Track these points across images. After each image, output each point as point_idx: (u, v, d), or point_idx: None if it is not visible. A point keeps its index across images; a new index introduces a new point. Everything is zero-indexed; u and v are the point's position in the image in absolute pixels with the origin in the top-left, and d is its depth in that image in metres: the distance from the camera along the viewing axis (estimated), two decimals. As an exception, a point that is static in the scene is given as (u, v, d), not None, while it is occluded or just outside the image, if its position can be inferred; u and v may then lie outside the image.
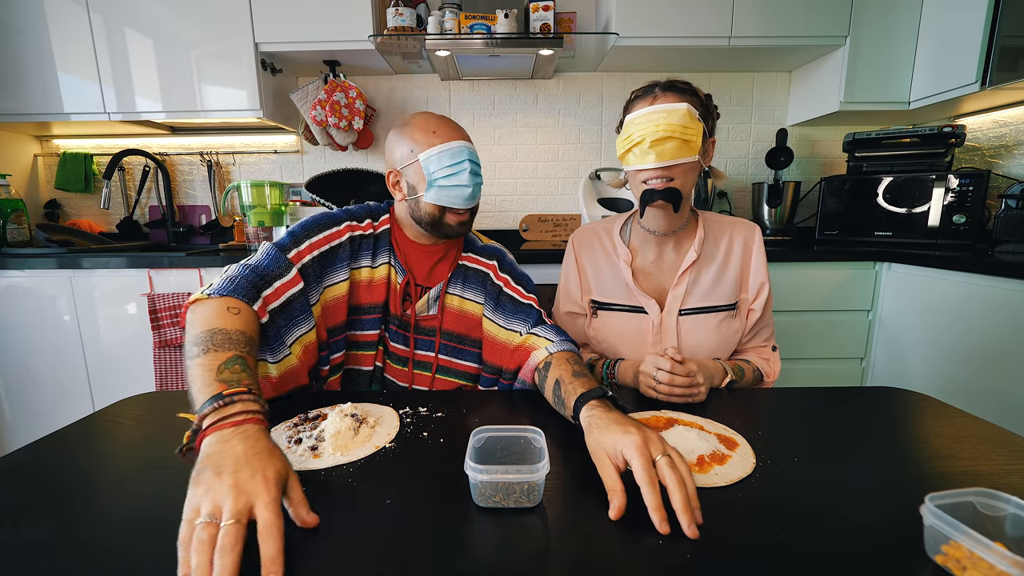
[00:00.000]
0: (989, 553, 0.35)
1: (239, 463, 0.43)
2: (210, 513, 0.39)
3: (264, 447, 0.46)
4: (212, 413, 0.49)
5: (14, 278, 1.58)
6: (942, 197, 1.57)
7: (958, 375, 1.34)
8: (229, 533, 0.38)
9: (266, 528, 0.39)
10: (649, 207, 0.88)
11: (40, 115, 1.75)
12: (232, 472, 0.42)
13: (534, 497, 0.47)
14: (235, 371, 0.55)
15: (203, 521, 0.39)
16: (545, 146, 2.12)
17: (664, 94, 0.84)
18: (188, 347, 0.59)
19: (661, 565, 0.40)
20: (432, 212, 0.85)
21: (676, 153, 0.82)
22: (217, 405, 0.49)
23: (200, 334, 0.60)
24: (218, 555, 0.37)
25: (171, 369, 1.60)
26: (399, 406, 0.70)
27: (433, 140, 0.83)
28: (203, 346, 0.58)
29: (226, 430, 0.47)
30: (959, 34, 1.54)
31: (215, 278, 0.73)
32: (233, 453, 0.44)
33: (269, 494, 0.41)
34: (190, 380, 0.55)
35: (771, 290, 0.95)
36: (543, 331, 0.84)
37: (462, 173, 0.82)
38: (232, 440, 0.46)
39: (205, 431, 0.48)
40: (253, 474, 0.42)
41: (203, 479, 0.42)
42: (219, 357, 0.56)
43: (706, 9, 1.66)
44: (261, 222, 1.80)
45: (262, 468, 0.43)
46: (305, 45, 1.72)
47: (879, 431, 0.64)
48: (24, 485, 0.52)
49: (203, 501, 0.40)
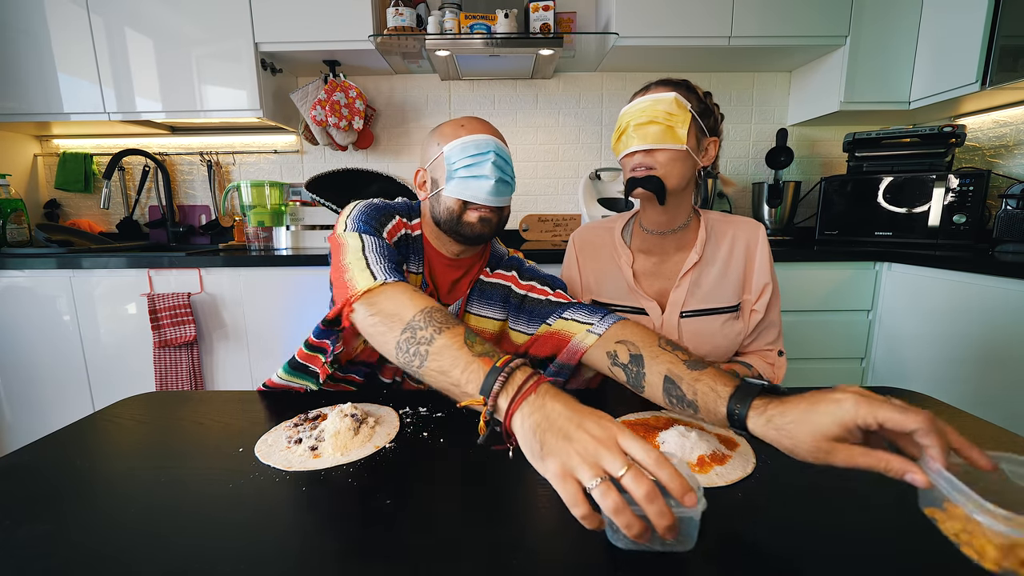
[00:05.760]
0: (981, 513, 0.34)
1: (574, 419, 0.41)
2: (593, 476, 0.37)
3: (572, 397, 0.44)
4: (503, 391, 0.45)
5: (14, 278, 1.58)
6: (942, 197, 1.57)
7: (958, 375, 1.34)
8: (640, 481, 0.36)
9: (649, 458, 0.38)
10: (633, 197, 0.87)
11: (40, 115, 1.75)
12: (578, 428, 0.40)
13: (686, 540, 0.40)
14: (482, 343, 0.52)
15: (595, 485, 0.37)
16: (545, 146, 2.12)
17: (657, 87, 0.85)
18: (406, 330, 0.55)
19: (661, 565, 0.40)
20: (451, 207, 0.79)
21: (658, 138, 0.81)
22: (503, 379, 0.46)
23: (416, 317, 0.56)
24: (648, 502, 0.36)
25: (171, 369, 1.60)
26: (399, 406, 0.70)
27: (460, 132, 0.79)
28: (430, 328, 0.54)
29: (531, 397, 0.44)
30: (959, 34, 1.54)
31: (353, 271, 0.66)
32: (560, 414, 0.42)
33: (625, 430, 0.40)
34: (441, 365, 0.51)
35: (777, 291, 0.94)
36: (574, 313, 0.79)
37: (484, 164, 0.77)
38: (546, 403, 0.43)
39: (511, 409, 0.44)
40: (597, 421, 0.41)
41: (555, 450, 0.40)
42: (456, 333, 0.52)
43: (706, 9, 1.66)
44: (261, 222, 1.80)
45: (595, 414, 0.41)
46: (305, 45, 1.72)
47: (879, 431, 0.64)
48: (24, 485, 0.52)
49: (577, 470, 0.38)
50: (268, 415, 0.68)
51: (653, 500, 0.36)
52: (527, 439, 0.42)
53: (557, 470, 0.39)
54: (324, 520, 0.45)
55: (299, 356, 0.73)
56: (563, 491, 0.39)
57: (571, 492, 0.38)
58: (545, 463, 0.40)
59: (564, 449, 0.39)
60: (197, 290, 1.58)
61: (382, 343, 0.59)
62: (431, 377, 0.52)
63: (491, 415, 0.46)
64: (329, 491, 0.50)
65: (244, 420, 0.67)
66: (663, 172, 0.83)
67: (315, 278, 1.57)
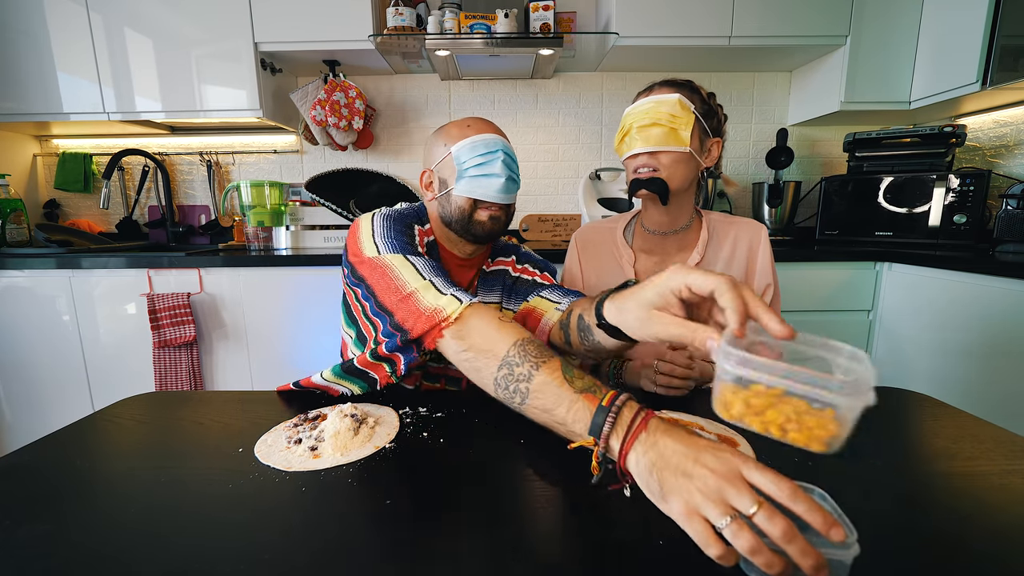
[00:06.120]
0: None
1: (690, 454, 0.39)
2: (722, 514, 0.35)
3: (682, 429, 0.42)
4: (614, 431, 0.44)
5: (13, 278, 1.58)
6: (943, 197, 1.57)
7: (958, 375, 1.34)
8: (775, 520, 0.33)
9: (782, 490, 0.35)
10: (636, 197, 0.87)
11: (40, 115, 1.75)
12: (695, 463, 0.38)
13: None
14: (580, 376, 0.50)
15: (725, 525, 0.35)
16: (545, 146, 2.12)
17: (660, 88, 0.85)
18: (503, 367, 0.54)
19: (660, 564, 0.40)
20: (462, 207, 0.80)
21: (661, 140, 0.81)
22: (611, 420, 0.44)
23: (510, 352, 0.55)
24: (786, 542, 0.33)
25: (171, 369, 1.60)
26: (399, 406, 0.70)
27: (467, 132, 0.80)
28: (526, 364, 0.53)
29: (643, 436, 0.42)
30: (959, 34, 1.54)
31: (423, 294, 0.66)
32: (675, 450, 0.40)
33: (746, 461, 0.37)
34: (544, 404, 0.50)
35: (778, 292, 0.94)
36: (550, 293, 0.80)
37: (494, 162, 0.78)
38: (659, 440, 0.41)
39: (624, 450, 0.43)
40: (714, 454, 0.38)
41: (676, 489, 0.38)
42: (553, 368, 0.51)
43: (706, 9, 1.66)
44: (261, 222, 1.80)
45: (711, 446, 0.39)
46: (305, 45, 1.72)
47: (879, 431, 0.64)
48: (24, 485, 0.52)
49: (702, 508, 0.36)
50: (268, 415, 0.68)
51: (792, 540, 0.33)
52: (645, 479, 0.41)
53: (682, 509, 0.37)
54: (324, 520, 0.45)
55: (359, 363, 0.70)
56: (692, 531, 0.37)
57: (700, 532, 0.36)
58: (668, 503, 0.38)
59: (685, 487, 0.38)
60: (197, 290, 1.58)
61: (478, 379, 0.59)
62: (533, 414, 0.52)
63: (603, 455, 0.45)
64: (329, 491, 0.50)
65: (244, 420, 0.67)
66: (667, 174, 0.84)
67: (315, 278, 1.57)
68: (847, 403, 0.35)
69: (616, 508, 0.48)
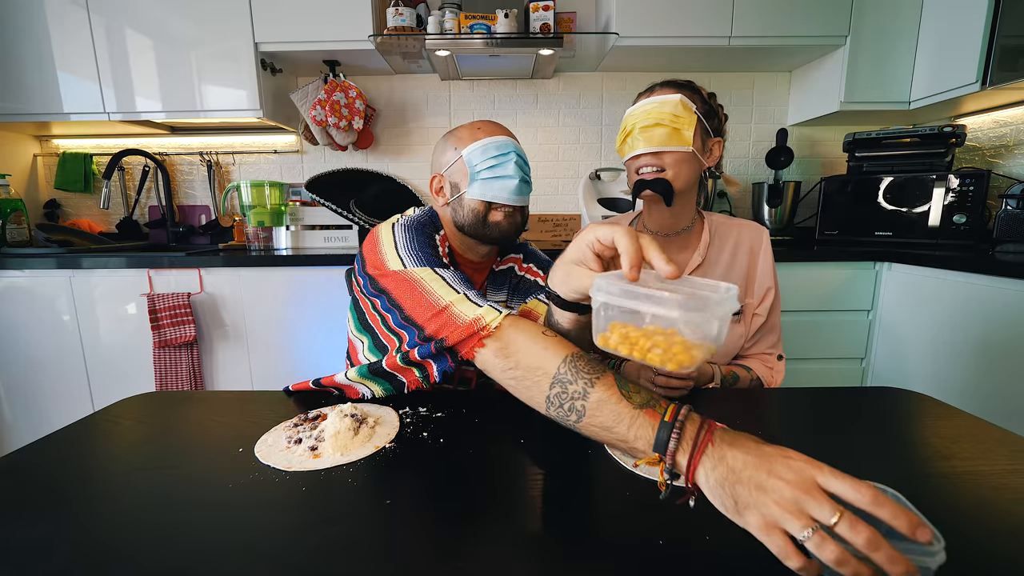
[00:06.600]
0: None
1: (762, 465, 0.38)
2: (803, 527, 0.34)
3: (749, 437, 0.42)
4: (680, 448, 0.42)
5: (14, 278, 1.58)
6: (942, 197, 1.57)
7: (958, 375, 1.34)
8: (858, 529, 0.33)
9: (863, 496, 0.34)
10: (640, 198, 0.87)
11: (40, 115, 1.75)
12: (769, 475, 0.37)
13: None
14: (637, 390, 0.49)
15: (807, 537, 0.34)
16: (545, 146, 2.12)
17: (662, 88, 0.85)
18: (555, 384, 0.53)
19: (660, 564, 0.40)
20: (476, 209, 0.80)
21: (664, 140, 0.81)
22: (675, 436, 0.43)
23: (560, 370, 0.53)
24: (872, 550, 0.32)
25: (171, 369, 1.60)
26: (399, 406, 0.70)
27: (478, 135, 0.81)
28: (580, 381, 0.52)
29: (709, 450, 0.41)
30: (959, 34, 1.54)
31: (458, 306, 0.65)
32: (746, 463, 0.39)
33: (820, 468, 0.36)
34: (603, 422, 0.49)
35: (778, 295, 0.94)
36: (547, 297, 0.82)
37: (507, 164, 0.79)
38: (726, 454, 0.40)
39: (692, 465, 0.41)
40: (786, 463, 0.37)
41: (751, 503, 0.37)
42: (608, 384, 0.50)
43: (706, 9, 1.66)
44: (261, 222, 1.80)
45: (782, 454, 0.39)
46: (305, 45, 1.72)
47: (879, 431, 0.64)
48: (24, 485, 0.52)
49: (781, 521, 0.35)
50: (268, 415, 0.68)
51: (878, 547, 0.32)
52: (717, 495, 0.40)
53: (760, 523, 0.36)
54: (324, 520, 0.45)
55: (388, 365, 0.69)
56: (772, 546, 0.36)
57: (780, 546, 0.35)
58: (744, 518, 0.38)
59: (761, 500, 0.37)
60: (197, 290, 1.58)
61: (528, 396, 0.58)
62: (591, 432, 0.51)
63: (670, 472, 0.44)
64: (329, 491, 0.50)
65: (244, 420, 0.67)
66: (671, 174, 0.84)
67: (315, 278, 1.57)
68: (685, 317, 0.40)
69: (616, 508, 0.48)
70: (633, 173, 0.87)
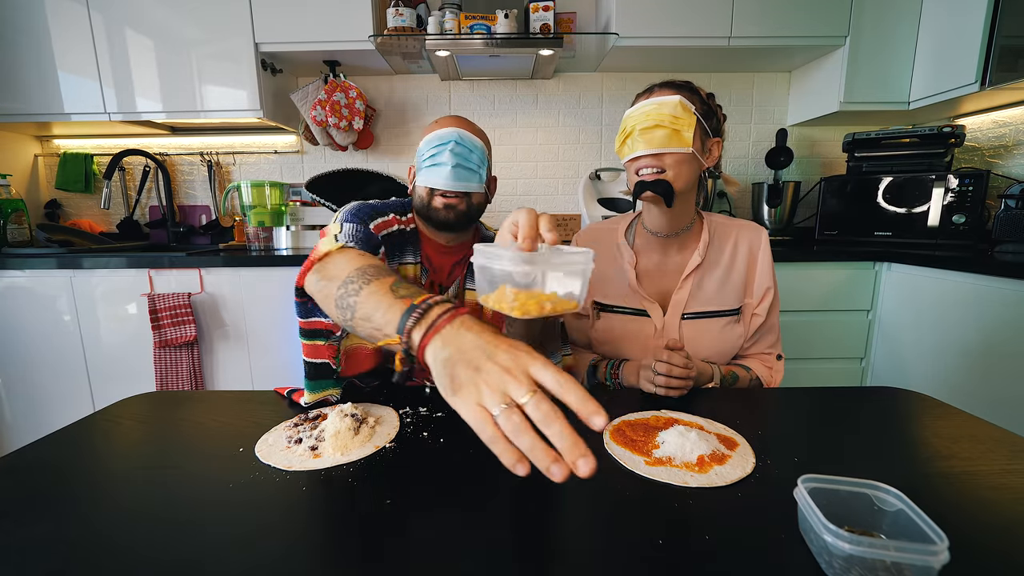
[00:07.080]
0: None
1: (486, 349, 0.39)
2: (499, 402, 0.36)
3: (492, 328, 0.42)
4: (417, 325, 0.44)
5: (14, 278, 1.58)
6: (942, 197, 1.58)
7: (958, 375, 1.34)
8: (540, 404, 0.35)
9: (558, 384, 0.36)
10: (641, 200, 0.87)
11: (40, 115, 1.75)
12: (488, 358, 0.38)
13: None
14: (408, 288, 0.51)
15: (501, 410, 0.35)
16: (545, 146, 2.13)
17: (660, 89, 0.85)
18: (341, 286, 0.55)
19: (658, 564, 0.40)
20: (422, 195, 0.88)
21: (664, 142, 0.81)
22: (417, 315, 0.44)
23: (351, 274, 0.56)
24: (546, 425, 0.34)
25: (171, 369, 1.60)
26: (399, 406, 0.70)
27: (432, 128, 0.89)
28: (360, 280, 0.54)
29: (446, 329, 0.42)
30: (959, 34, 1.54)
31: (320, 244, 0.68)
32: (473, 343, 0.40)
33: (538, 358, 0.38)
34: (366, 312, 0.50)
35: (777, 295, 0.94)
36: None
37: (444, 152, 0.85)
38: (460, 334, 0.41)
39: (423, 342, 0.42)
40: (508, 350, 0.39)
41: (463, 380, 0.38)
42: (385, 282, 0.52)
43: (706, 9, 1.66)
44: (261, 222, 1.80)
45: (509, 344, 0.39)
46: (305, 45, 1.72)
47: (879, 431, 0.64)
48: (24, 485, 0.52)
49: (482, 398, 0.37)
50: (268, 415, 0.68)
51: (552, 422, 0.34)
52: (439, 373, 0.40)
53: (467, 400, 0.38)
54: (324, 520, 0.45)
55: (305, 355, 0.70)
56: (471, 419, 0.37)
57: (478, 419, 0.36)
58: (456, 397, 0.38)
59: (473, 380, 0.38)
60: (197, 290, 1.58)
61: (325, 305, 0.59)
62: (360, 327, 0.51)
63: (406, 352, 0.44)
64: (329, 491, 0.50)
65: (244, 420, 0.67)
66: (671, 175, 0.84)
67: (315, 278, 1.57)
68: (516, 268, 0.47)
69: (617, 508, 0.48)
70: (633, 174, 0.87)
